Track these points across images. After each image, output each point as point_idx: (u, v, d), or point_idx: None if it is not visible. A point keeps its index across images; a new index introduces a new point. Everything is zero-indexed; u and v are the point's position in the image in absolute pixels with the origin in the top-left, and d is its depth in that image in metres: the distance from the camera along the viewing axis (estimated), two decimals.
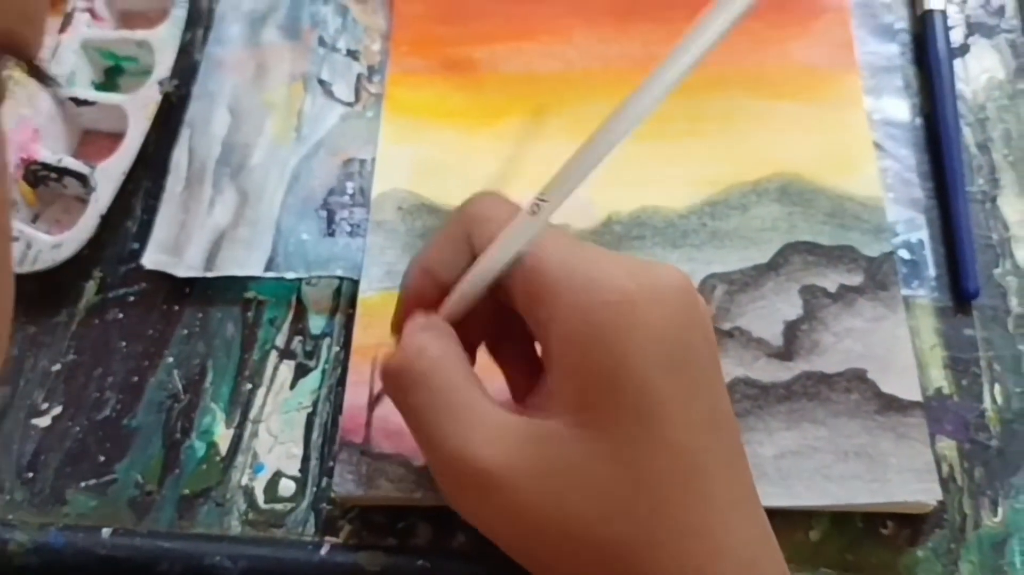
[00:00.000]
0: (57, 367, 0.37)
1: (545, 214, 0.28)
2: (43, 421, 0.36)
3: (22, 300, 0.21)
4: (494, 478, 0.26)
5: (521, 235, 0.28)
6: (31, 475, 0.35)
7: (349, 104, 0.42)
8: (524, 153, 0.40)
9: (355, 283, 0.38)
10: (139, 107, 0.41)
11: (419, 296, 0.30)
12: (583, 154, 0.28)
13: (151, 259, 0.38)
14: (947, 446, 0.35)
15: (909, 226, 0.38)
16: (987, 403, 0.36)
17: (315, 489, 0.35)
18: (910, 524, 0.34)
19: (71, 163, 0.40)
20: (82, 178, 0.40)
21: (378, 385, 0.35)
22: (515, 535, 0.27)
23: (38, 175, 0.40)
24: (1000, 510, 0.34)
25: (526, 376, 0.31)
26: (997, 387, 0.36)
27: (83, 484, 0.35)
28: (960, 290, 0.37)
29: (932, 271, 0.38)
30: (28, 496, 0.35)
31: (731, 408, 0.27)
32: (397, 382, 0.28)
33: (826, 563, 0.33)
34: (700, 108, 0.41)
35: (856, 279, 0.37)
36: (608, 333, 0.25)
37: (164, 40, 0.43)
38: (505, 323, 0.30)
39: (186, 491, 0.35)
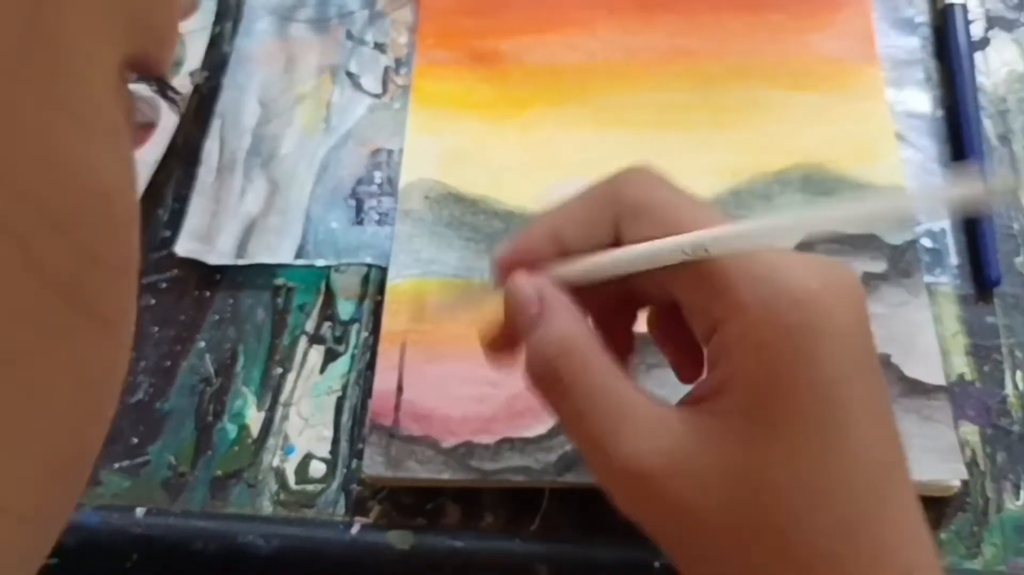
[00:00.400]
0: None
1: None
2: None
3: None
4: (654, 475, 0.25)
5: (696, 249, 0.26)
6: None
7: (377, 96, 0.43)
8: (550, 143, 0.41)
9: (383, 270, 0.38)
10: None
11: (534, 252, 0.28)
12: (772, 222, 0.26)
13: (184, 247, 0.39)
14: (969, 431, 0.35)
15: (931, 215, 0.39)
16: (1009, 389, 0.36)
17: (345, 470, 0.35)
18: (933, 507, 0.34)
19: None
20: None
21: (407, 368, 0.35)
22: (677, 533, 0.26)
23: None
24: (1023, 493, 0.34)
25: (627, 347, 0.30)
26: (1019, 373, 0.36)
27: (116, 465, 0.36)
28: (982, 278, 0.37)
29: (954, 260, 0.38)
30: None
31: None
32: (551, 388, 0.27)
33: None
34: (723, 99, 0.42)
35: (879, 266, 0.37)
36: (796, 334, 0.24)
37: (194, 32, 0.44)
38: (614, 301, 0.29)
39: (218, 472, 0.35)
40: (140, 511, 0.35)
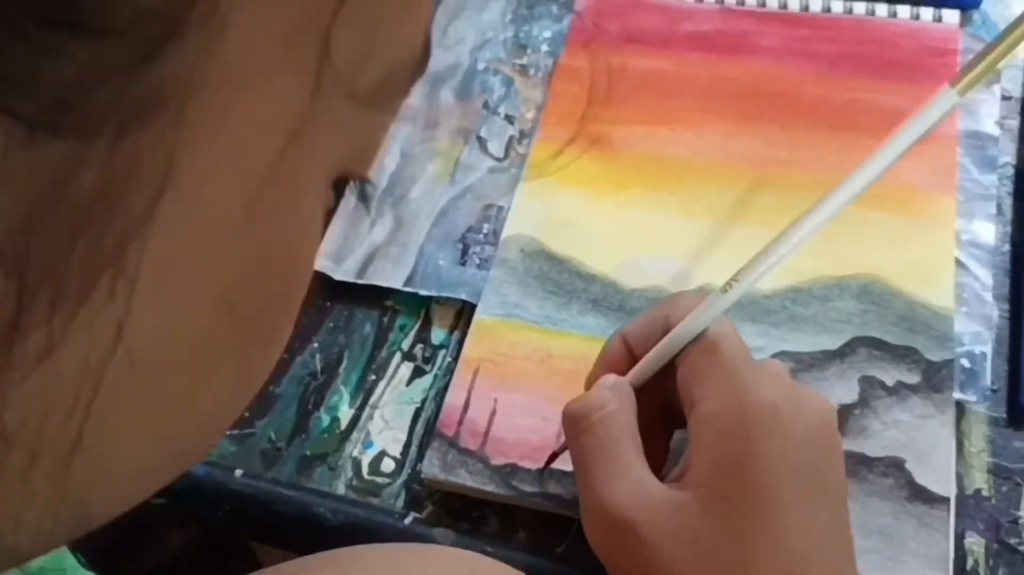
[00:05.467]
0: None
1: (728, 298, 0.34)
2: None
3: None
4: (628, 527, 0.31)
5: (705, 315, 0.34)
6: None
7: (498, 159, 0.50)
8: (639, 221, 0.46)
9: (476, 307, 0.45)
10: None
11: (613, 359, 0.36)
12: (772, 248, 0.35)
13: (317, 262, 0.46)
14: (975, 542, 0.38)
15: (975, 339, 0.41)
16: (1023, 511, 0.38)
17: (410, 471, 0.41)
18: None
19: None
20: None
21: (475, 391, 0.41)
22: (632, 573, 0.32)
23: None
24: None
25: (661, 455, 0.37)
26: None
27: (227, 432, 0.43)
28: (1017, 405, 0.40)
29: (990, 382, 0.41)
30: None
31: (850, 532, 0.32)
32: (574, 425, 0.34)
33: None
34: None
35: (914, 378, 0.40)
36: (752, 432, 0.31)
37: None
38: (665, 410, 0.36)
39: (307, 453, 0.42)
40: (239, 472, 0.42)
